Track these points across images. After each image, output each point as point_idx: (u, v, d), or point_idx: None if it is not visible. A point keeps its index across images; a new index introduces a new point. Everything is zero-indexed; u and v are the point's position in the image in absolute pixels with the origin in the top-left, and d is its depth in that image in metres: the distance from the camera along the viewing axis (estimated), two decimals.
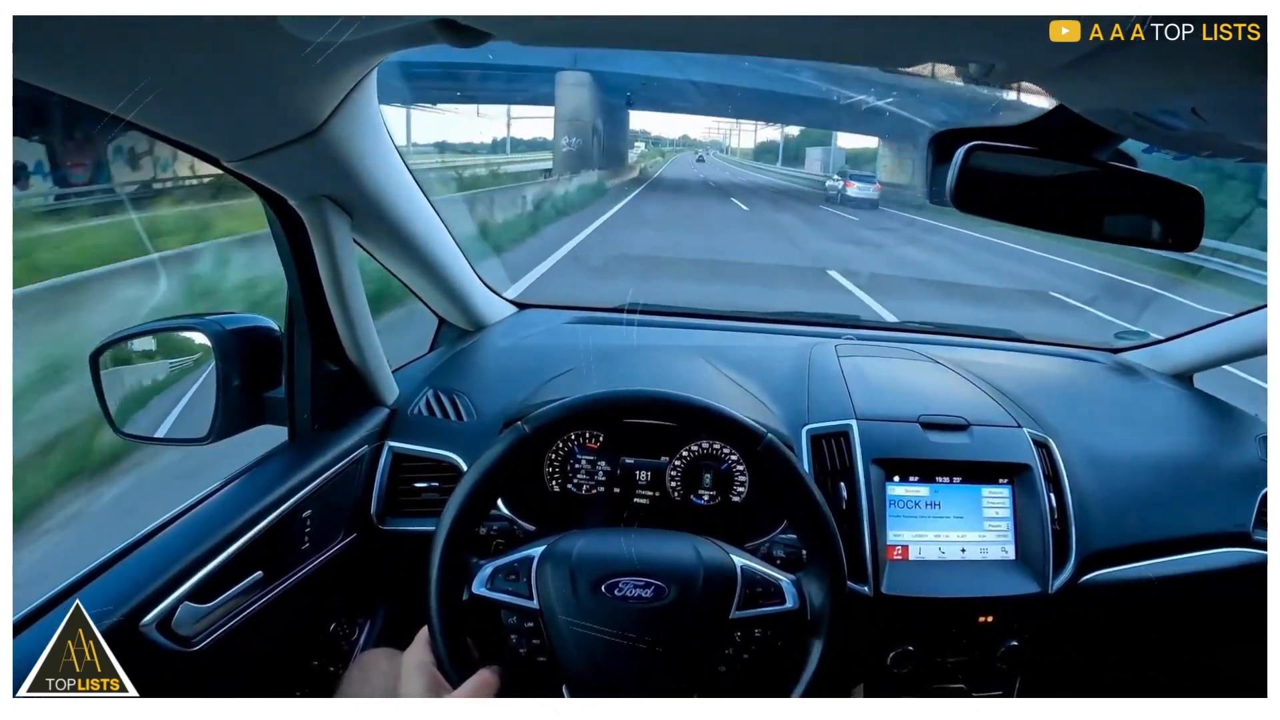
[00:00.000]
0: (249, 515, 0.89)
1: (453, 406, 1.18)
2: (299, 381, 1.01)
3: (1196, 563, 1.16)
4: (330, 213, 0.92)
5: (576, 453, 1.11)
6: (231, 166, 0.80)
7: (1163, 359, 1.55)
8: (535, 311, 1.58)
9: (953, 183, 0.71)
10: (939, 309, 6.28)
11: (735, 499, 1.10)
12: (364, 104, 0.83)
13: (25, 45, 0.49)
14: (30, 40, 0.50)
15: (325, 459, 1.01)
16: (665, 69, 16.56)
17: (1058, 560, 1.06)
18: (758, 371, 1.26)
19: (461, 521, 0.81)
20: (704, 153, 49.84)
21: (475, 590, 0.79)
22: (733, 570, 0.79)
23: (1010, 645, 1.06)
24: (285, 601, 0.95)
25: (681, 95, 18.91)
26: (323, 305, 0.99)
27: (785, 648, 0.80)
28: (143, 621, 0.76)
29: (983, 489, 1.09)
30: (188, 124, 0.72)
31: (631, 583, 0.76)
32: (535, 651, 0.78)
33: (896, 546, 1.05)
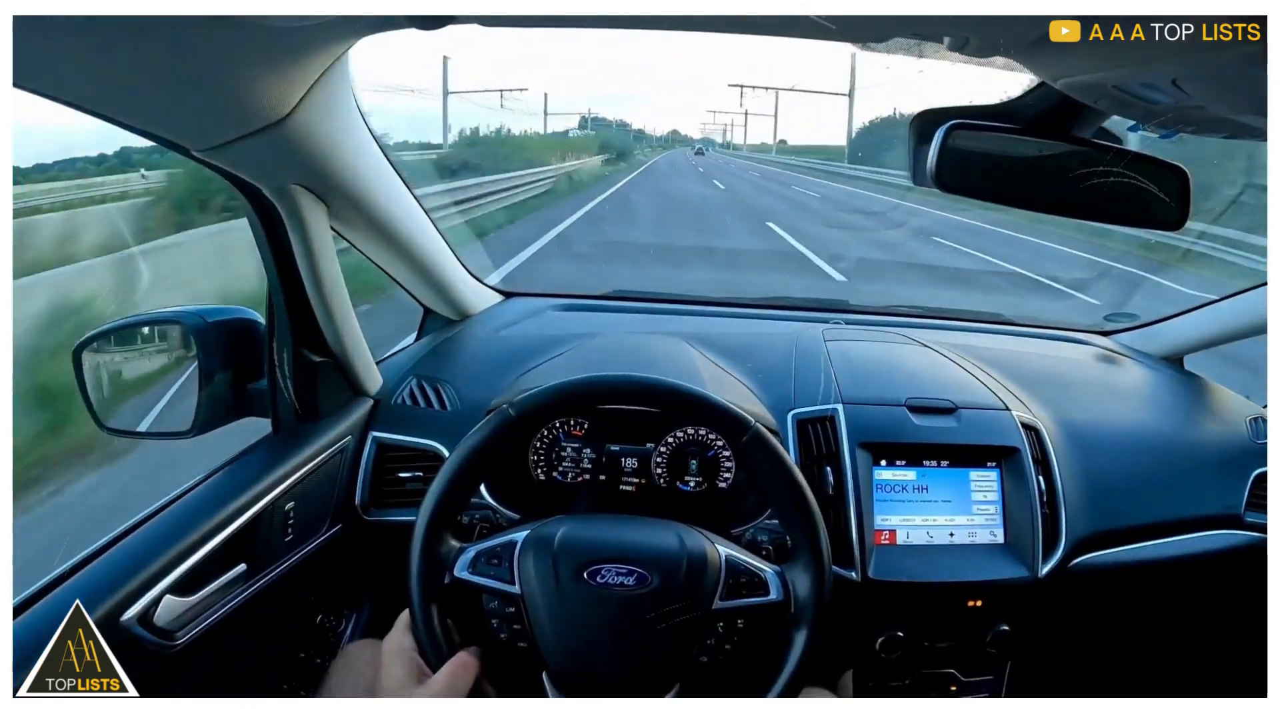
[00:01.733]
0: (232, 508, 0.88)
1: (436, 395, 1.17)
2: (281, 373, 1.01)
3: (1187, 545, 1.16)
4: (305, 202, 0.91)
5: (561, 440, 1.11)
6: (200, 156, 0.79)
7: (1153, 341, 1.54)
8: (521, 299, 1.57)
9: (933, 163, 0.70)
10: (920, 293, 6.28)
11: (721, 485, 1.09)
12: (336, 91, 0.81)
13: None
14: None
15: (309, 450, 1.01)
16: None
17: (1047, 544, 1.06)
18: (744, 357, 1.26)
19: (444, 504, 0.80)
20: (703, 146, 43.90)
21: (457, 574, 0.78)
22: (717, 560, 0.79)
23: (1000, 629, 1.06)
24: (270, 594, 0.94)
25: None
26: (302, 296, 0.98)
27: (768, 640, 0.80)
28: (124, 616, 0.75)
29: (971, 472, 1.09)
30: (152, 113, 0.71)
31: (614, 570, 0.76)
32: (516, 636, 0.78)
33: (884, 531, 1.05)
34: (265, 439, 1.03)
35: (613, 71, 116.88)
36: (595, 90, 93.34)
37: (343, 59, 0.77)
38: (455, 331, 1.38)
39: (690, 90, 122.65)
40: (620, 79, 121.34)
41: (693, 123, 48.13)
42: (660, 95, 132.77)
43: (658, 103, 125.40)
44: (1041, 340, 1.57)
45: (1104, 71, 0.57)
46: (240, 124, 0.74)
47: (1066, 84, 0.64)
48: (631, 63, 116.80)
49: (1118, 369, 1.46)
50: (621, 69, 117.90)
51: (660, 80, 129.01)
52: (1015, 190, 0.75)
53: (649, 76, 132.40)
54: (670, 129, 52.41)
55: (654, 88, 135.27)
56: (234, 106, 0.70)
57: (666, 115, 50.19)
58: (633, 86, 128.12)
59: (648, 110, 53.84)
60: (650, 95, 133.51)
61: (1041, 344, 1.54)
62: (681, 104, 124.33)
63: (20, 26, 0.50)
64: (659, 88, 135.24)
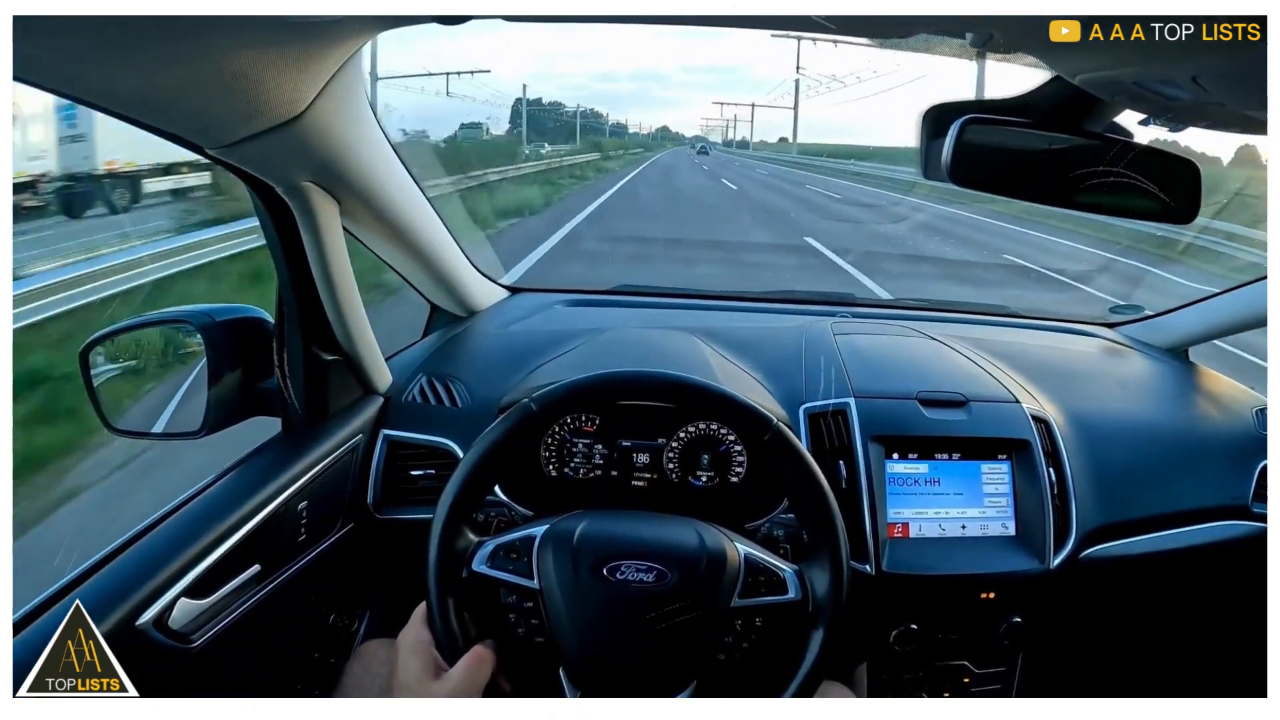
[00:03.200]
0: (245, 509, 0.88)
1: (446, 392, 1.17)
2: (291, 372, 1.00)
3: (1196, 536, 1.17)
4: (317, 199, 0.90)
5: (572, 437, 1.11)
6: (215, 154, 0.78)
7: (1158, 333, 1.55)
8: (528, 295, 1.57)
9: (948, 157, 0.70)
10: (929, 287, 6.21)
11: (734, 479, 1.10)
12: (350, 88, 0.81)
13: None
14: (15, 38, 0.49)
15: (320, 449, 1.01)
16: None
17: (1058, 536, 1.06)
18: (753, 351, 1.26)
19: (463, 497, 0.80)
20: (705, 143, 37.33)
21: (475, 568, 0.78)
22: (736, 558, 0.79)
23: (1012, 621, 1.07)
24: (284, 594, 0.94)
25: None
26: (313, 294, 0.98)
27: (786, 638, 0.80)
28: (139, 620, 0.75)
29: (982, 465, 1.09)
30: (168, 113, 0.71)
31: (633, 566, 0.76)
32: (534, 631, 0.78)
33: (897, 524, 1.05)
34: (276, 438, 1.02)
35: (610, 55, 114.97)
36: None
37: (357, 55, 0.76)
38: (463, 328, 1.38)
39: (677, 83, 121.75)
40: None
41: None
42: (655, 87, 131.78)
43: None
44: (1047, 333, 1.57)
45: (1126, 68, 0.58)
46: (255, 121, 0.73)
47: (1084, 79, 0.64)
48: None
49: (1124, 361, 1.47)
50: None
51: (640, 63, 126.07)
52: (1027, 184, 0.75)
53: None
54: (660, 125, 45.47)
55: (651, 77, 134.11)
56: (249, 104, 0.70)
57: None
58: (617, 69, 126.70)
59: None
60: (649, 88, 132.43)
61: (1048, 336, 1.55)
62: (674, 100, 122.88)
63: (33, 26, 0.50)
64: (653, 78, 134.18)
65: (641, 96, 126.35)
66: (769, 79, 67.66)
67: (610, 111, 39.55)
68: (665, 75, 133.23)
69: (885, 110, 40.04)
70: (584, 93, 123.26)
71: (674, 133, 43.34)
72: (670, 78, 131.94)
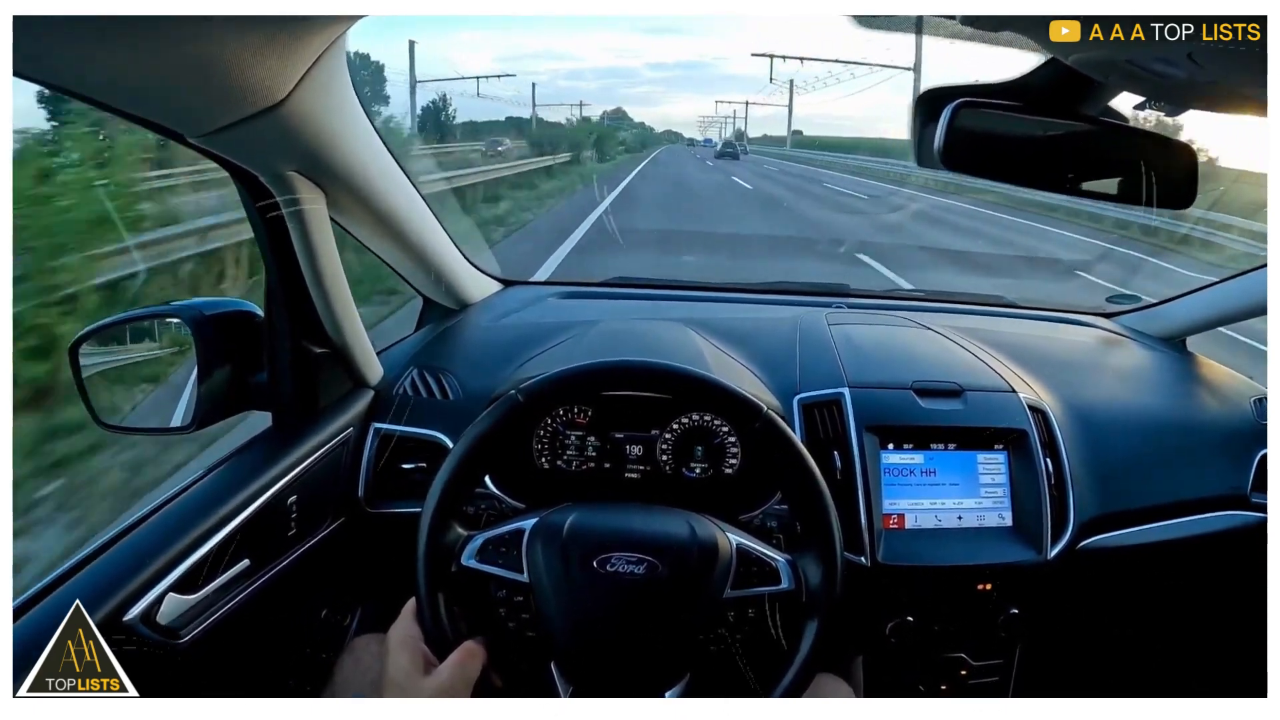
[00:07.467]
0: (234, 503, 0.87)
1: (438, 385, 1.16)
2: (280, 365, 0.99)
3: (1195, 526, 1.16)
4: (303, 189, 0.89)
5: (564, 429, 1.10)
6: (196, 143, 0.77)
7: (1156, 322, 1.54)
8: (521, 288, 1.56)
9: (940, 142, 0.69)
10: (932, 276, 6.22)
11: (728, 471, 1.09)
12: (332, 74, 0.80)
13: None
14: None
15: (310, 443, 1.00)
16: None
17: (1055, 526, 1.05)
18: (748, 342, 1.25)
19: (451, 491, 0.80)
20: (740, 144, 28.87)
21: (465, 562, 0.78)
22: (728, 549, 0.78)
23: (1010, 613, 1.06)
24: (274, 589, 0.93)
25: None
26: (301, 286, 0.96)
27: (779, 629, 0.80)
28: (127, 616, 0.75)
29: (978, 455, 1.08)
30: (146, 101, 0.70)
31: (624, 558, 0.75)
32: (524, 625, 0.77)
33: (892, 515, 1.05)
34: (266, 432, 1.01)
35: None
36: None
37: (339, 42, 0.75)
38: (455, 321, 1.37)
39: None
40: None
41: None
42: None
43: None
44: (1044, 323, 1.57)
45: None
46: (235, 108, 0.72)
47: (1078, 59, 0.63)
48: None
49: (1122, 351, 1.46)
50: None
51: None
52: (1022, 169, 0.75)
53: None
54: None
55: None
56: (229, 90, 0.68)
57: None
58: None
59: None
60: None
61: (1045, 326, 1.54)
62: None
63: (18, 18, 0.49)
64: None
65: (649, 97, 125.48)
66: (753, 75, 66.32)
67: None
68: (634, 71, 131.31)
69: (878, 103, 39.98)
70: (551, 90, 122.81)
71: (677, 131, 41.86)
72: (639, 74, 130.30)
